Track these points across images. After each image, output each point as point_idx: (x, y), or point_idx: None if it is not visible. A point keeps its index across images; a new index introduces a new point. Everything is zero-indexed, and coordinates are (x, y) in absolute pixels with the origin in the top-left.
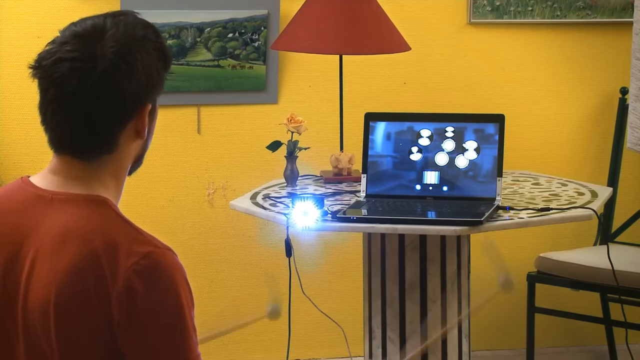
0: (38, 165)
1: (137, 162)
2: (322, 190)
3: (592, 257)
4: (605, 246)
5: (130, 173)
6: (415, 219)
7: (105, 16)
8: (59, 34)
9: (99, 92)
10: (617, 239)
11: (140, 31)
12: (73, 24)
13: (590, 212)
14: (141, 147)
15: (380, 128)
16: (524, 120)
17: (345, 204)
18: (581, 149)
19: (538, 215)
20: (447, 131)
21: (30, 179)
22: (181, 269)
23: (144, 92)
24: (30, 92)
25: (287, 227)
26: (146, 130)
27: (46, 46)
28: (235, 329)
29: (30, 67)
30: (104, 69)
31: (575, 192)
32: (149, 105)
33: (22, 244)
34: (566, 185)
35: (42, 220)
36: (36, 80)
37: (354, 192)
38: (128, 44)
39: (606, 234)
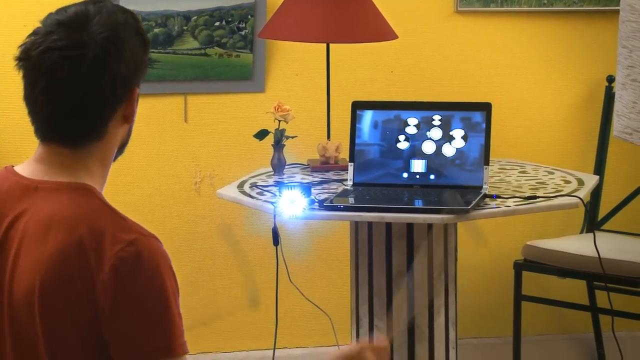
0: (24, 154)
1: (122, 147)
2: (309, 179)
3: (578, 245)
4: (592, 234)
5: (114, 159)
6: (402, 207)
7: (86, 4)
8: (40, 24)
9: (91, 78)
10: (603, 227)
11: (121, 16)
12: (54, 13)
13: (576, 200)
14: (126, 132)
15: (368, 116)
16: (511, 109)
17: (333, 193)
18: (568, 137)
19: (525, 204)
20: (434, 120)
21: (14, 168)
22: (166, 257)
23: (132, 75)
24: (14, 81)
25: (274, 215)
26: (134, 115)
27: (28, 37)
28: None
29: (16, 59)
30: (96, 54)
31: (562, 180)
32: (137, 89)
33: (7, 233)
34: (553, 173)
35: (27, 208)
36: (21, 72)
37: (341, 181)
38: (114, 29)
39: (592, 222)
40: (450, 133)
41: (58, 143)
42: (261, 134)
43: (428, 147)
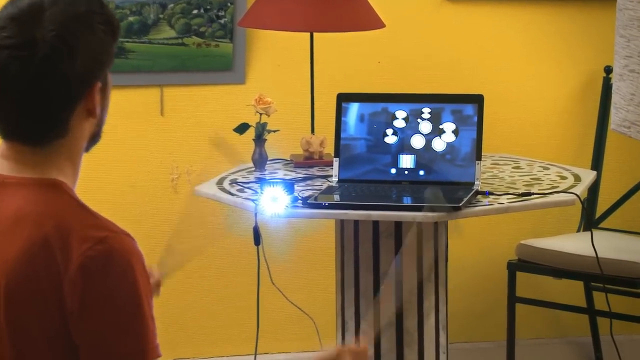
0: None
1: (94, 139)
2: (292, 175)
3: (575, 244)
4: (589, 232)
5: (87, 150)
6: (390, 204)
7: None
8: None
9: (42, 79)
10: (601, 225)
11: (82, 7)
12: (9, 3)
13: (573, 196)
14: (96, 124)
15: (353, 109)
16: (504, 101)
17: (317, 190)
18: (564, 130)
19: (519, 201)
20: (423, 112)
21: None
22: (139, 255)
23: (90, 72)
24: None
25: (256, 214)
26: (98, 108)
27: None
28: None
29: None
30: (45, 54)
31: (558, 176)
32: (98, 84)
33: None
34: (548, 168)
35: None
36: None
37: (325, 177)
38: (69, 24)
39: (590, 220)
40: (441, 126)
41: (19, 142)
42: (241, 128)
43: (417, 142)
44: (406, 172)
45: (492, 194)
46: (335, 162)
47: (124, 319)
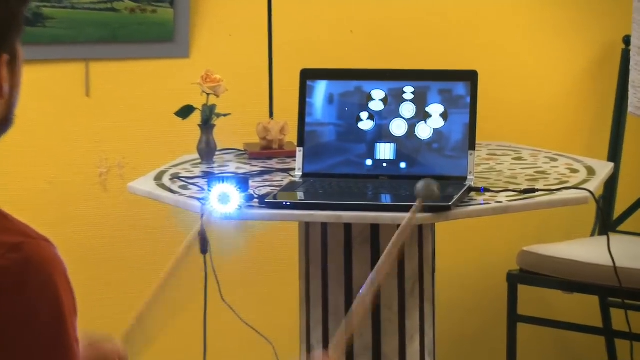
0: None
1: (3, 125)
2: (246, 169)
3: (588, 251)
4: (605, 237)
5: None
6: (366, 204)
7: None
8: None
9: None
10: (619, 229)
11: None
12: None
13: (586, 194)
14: (5, 106)
15: (321, 89)
16: (503, 79)
17: (276, 186)
18: (575, 114)
19: (521, 199)
20: (405, 92)
21: None
22: (61, 265)
23: None
24: None
25: (202, 215)
26: (6, 86)
27: None
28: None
29: None
30: None
31: (568, 168)
32: (5, 56)
33: None
34: (556, 160)
35: None
36: None
37: (287, 171)
38: None
39: (606, 222)
40: (426, 109)
41: None
42: (185, 112)
43: (398, 128)
44: (384, 165)
45: (488, 190)
46: (299, 153)
47: (44, 342)
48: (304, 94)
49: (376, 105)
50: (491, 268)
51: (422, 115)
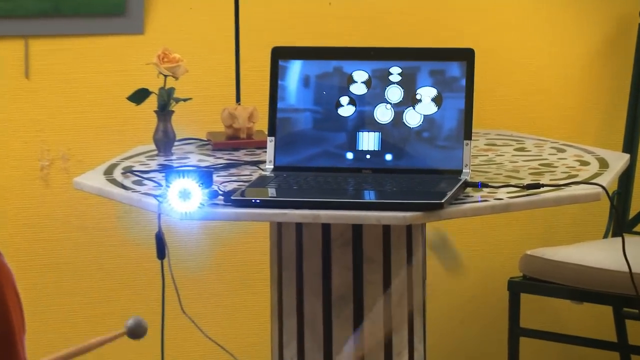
0: None
1: None
2: (210, 161)
3: (600, 255)
4: (620, 239)
5: None
6: (347, 201)
7: None
8: None
9: None
10: (636, 229)
11: None
12: None
13: (598, 189)
14: None
15: (295, 70)
16: (504, 58)
17: (245, 181)
18: (585, 98)
19: (524, 195)
20: (391, 73)
21: None
22: (9, 275)
23: None
24: None
25: (159, 215)
26: None
27: None
28: (82, 351)
29: None
30: None
31: (577, 160)
32: None
33: None
34: (564, 151)
35: None
36: None
37: (256, 164)
38: None
39: (621, 222)
40: (416, 93)
41: None
42: (139, 96)
43: (383, 114)
44: (368, 157)
45: (486, 186)
46: (270, 143)
47: None
48: (276, 75)
49: (358, 89)
50: (490, 275)
51: (411, 100)
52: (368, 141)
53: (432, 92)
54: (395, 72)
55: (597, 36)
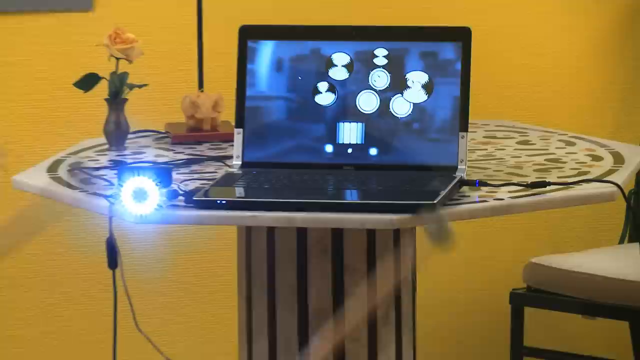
0: None
1: None
2: (169, 156)
3: (616, 262)
4: (637, 245)
5: None
6: (325, 202)
7: None
8: None
9: None
10: None
11: None
12: None
13: (612, 188)
14: None
15: (266, 51)
16: (505, 39)
17: (209, 179)
18: (598, 85)
19: (527, 195)
20: (376, 56)
21: None
22: None
23: None
24: None
25: (110, 218)
26: None
27: None
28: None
29: None
30: None
31: (588, 155)
32: None
33: None
34: (573, 144)
35: None
36: None
37: (222, 159)
38: None
39: (638, 225)
40: (405, 79)
41: None
42: (87, 82)
43: (367, 103)
44: (350, 151)
45: (485, 184)
46: (238, 136)
47: None
48: (244, 58)
49: (338, 73)
50: (489, 286)
51: (399, 86)
52: (350, 133)
53: (423, 77)
54: (380, 55)
55: (613, 13)
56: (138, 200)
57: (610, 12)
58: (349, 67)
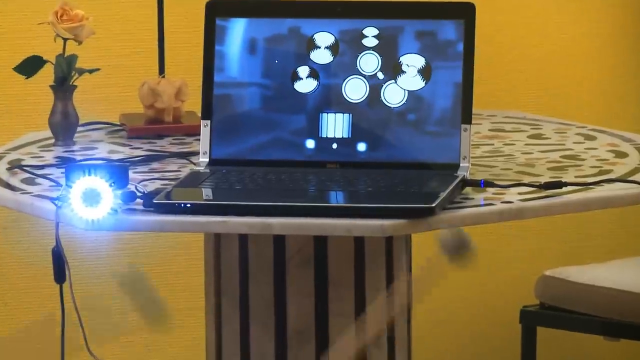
0: None
1: None
2: (124, 153)
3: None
4: None
5: None
6: (307, 205)
7: None
8: None
9: None
10: None
11: None
12: None
13: (638, 189)
14: None
15: (237, 31)
16: (514, 20)
17: (171, 179)
18: (620, 71)
19: (540, 197)
20: (365, 36)
21: None
22: None
23: None
24: None
25: (57, 224)
26: None
27: None
28: None
29: None
30: None
31: (610, 151)
32: None
33: None
34: (593, 138)
35: None
36: None
37: (186, 156)
38: None
39: None
40: (399, 62)
41: None
42: (29, 66)
43: (355, 90)
44: (334, 147)
45: (491, 185)
46: (205, 129)
47: None
48: (212, 39)
49: (321, 56)
50: (497, 302)
51: (392, 71)
52: (335, 126)
53: (419, 60)
54: (370, 35)
55: None
56: (89, 203)
57: None
58: (333, 49)
